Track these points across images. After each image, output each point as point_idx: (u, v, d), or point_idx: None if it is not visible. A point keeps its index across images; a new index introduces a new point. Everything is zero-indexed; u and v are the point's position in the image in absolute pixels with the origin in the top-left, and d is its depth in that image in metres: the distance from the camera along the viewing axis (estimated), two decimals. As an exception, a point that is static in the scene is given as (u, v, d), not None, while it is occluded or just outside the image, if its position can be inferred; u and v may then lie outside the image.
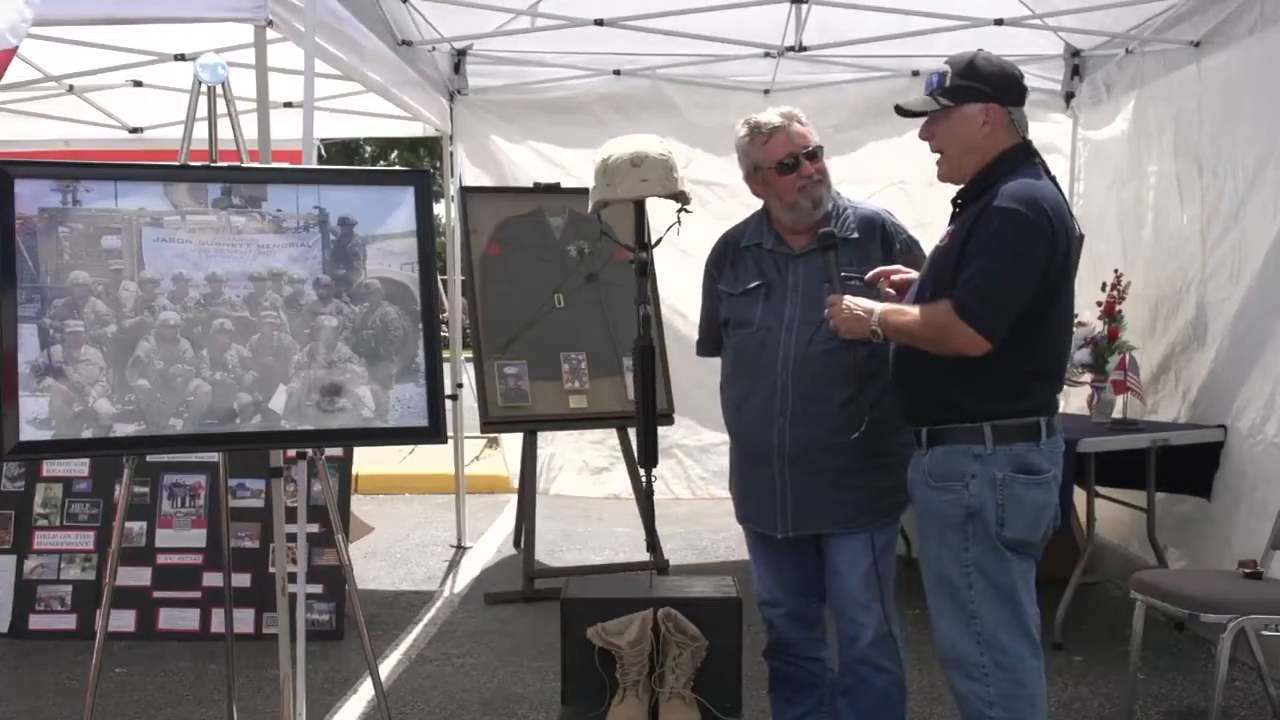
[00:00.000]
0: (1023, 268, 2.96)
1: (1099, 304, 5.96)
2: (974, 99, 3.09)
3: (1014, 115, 3.12)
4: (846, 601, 3.50)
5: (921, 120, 3.19)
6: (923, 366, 3.11)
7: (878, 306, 3.15)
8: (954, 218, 3.17)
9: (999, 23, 6.42)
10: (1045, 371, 3.13)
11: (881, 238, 3.50)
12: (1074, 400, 6.44)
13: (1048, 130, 7.34)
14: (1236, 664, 4.27)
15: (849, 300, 3.21)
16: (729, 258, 3.65)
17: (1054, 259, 2.98)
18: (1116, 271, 6.06)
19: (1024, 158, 3.12)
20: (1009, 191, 2.98)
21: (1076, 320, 5.96)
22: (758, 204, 3.64)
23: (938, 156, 3.20)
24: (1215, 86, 5.88)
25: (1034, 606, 3.12)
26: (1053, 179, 3.14)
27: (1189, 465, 5.47)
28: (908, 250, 3.49)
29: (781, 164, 3.45)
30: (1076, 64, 7.44)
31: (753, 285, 3.54)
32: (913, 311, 3.07)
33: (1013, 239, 2.94)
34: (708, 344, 3.76)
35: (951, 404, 3.08)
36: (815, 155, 3.48)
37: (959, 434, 3.08)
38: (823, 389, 3.40)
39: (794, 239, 3.52)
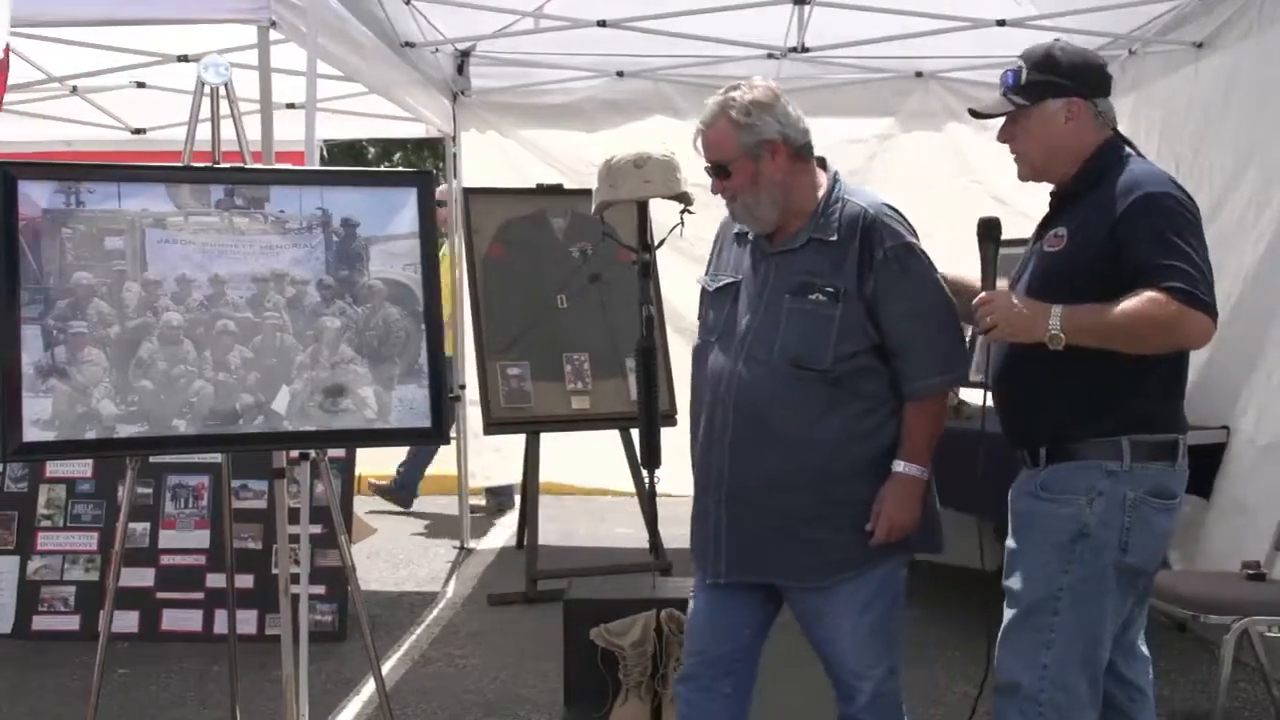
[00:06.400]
0: (1205, 251, 2.73)
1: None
2: (1054, 94, 2.86)
3: (1100, 107, 2.90)
4: (836, 666, 3.09)
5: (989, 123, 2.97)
6: (1051, 378, 2.82)
7: (1054, 305, 2.72)
8: (1051, 220, 2.94)
9: (1001, 23, 6.41)
10: (1179, 381, 2.90)
11: (860, 241, 2.96)
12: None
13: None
14: (1240, 665, 4.26)
15: (1015, 297, 2.81)
16: (719, 245, 3.27)
17: None
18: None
19: (1121, 150, 2.89)
20: (1151, 177, 2.79)
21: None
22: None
23: (1014, 156, 2.96)
24: (1206, 88, 5.89)
25: (1108, 649, 2.87)
26: None
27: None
28: (889, 264, 2.94)
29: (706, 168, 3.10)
30: (1080, 65, 7.43)
31: (726, 282, 3.15)
32: (1117, 307, 2.67)
33: (1192, 221, 2.74)
34: None
35: (1085, 417, 2.81)
36: (720, 172, 3.02)
37: (1091, 448, 2.81)
38: (771, 415, 2.96)
39: (778, 232, 3.06)
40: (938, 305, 3.00)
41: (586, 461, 7.93)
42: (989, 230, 2.92)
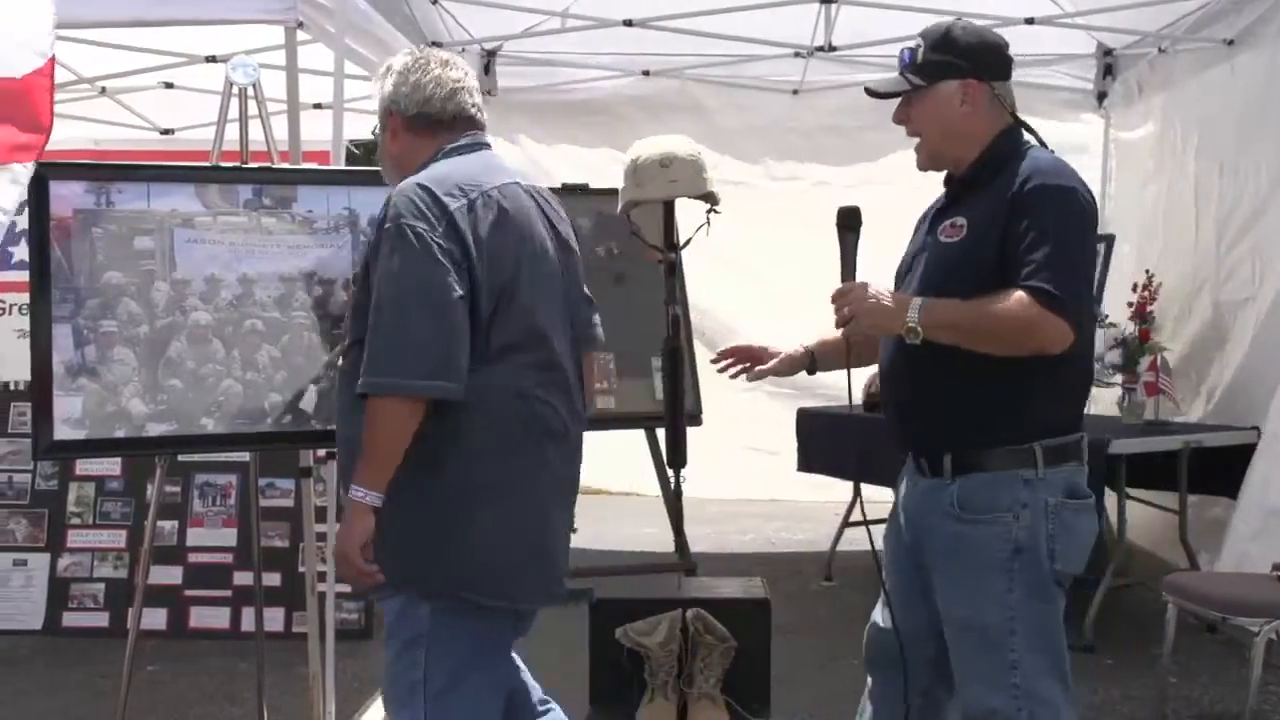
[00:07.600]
0: (1091, 252, 2.60)
1: (1130, 305, 5.92)
2: (950, 75, 2.71)
3: (997, 90, 2.73)
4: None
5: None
6: (954, 378, 2.63)
7: (915, 298, 2.61)
8: (949, 209, 2.77)
9: (1030, 21, 6.38)
10: (1084, 379, 2.77)
11: (380, 222, 2.62)
12: (1103, 401, 6.39)
13: (1079, 130, 7.32)
14: (1270, 668, 4.23)
15: (873, 287, 2.65)
16: None
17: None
18: (1148, 272, 6.02)
19: (1021, 139, 2.74)
20: (1052, 168, 2.63)
21: (1108, 320, 5.96)
22: (785, 206, 3.62)
23: (916, 142, 2.80)
24: (1243, 86, 5.85)
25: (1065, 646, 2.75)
26: None
27: (1217, 466, 5.42)
28: (377, 245, 2.58)
29: None
30: (1109, 63, 7.39)
31: None
32: (976, 303, 2.55)
33: (1080, 219, 2.59)
34: None
35: (994, 422, 2.64)
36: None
37: (1004, 457, 2.64)
38: (343, 415, 2.76)
39: None
40: (401, 301, 2.51)
41: (611, 462, 7.94)
42: (848, 220, 2.77)
